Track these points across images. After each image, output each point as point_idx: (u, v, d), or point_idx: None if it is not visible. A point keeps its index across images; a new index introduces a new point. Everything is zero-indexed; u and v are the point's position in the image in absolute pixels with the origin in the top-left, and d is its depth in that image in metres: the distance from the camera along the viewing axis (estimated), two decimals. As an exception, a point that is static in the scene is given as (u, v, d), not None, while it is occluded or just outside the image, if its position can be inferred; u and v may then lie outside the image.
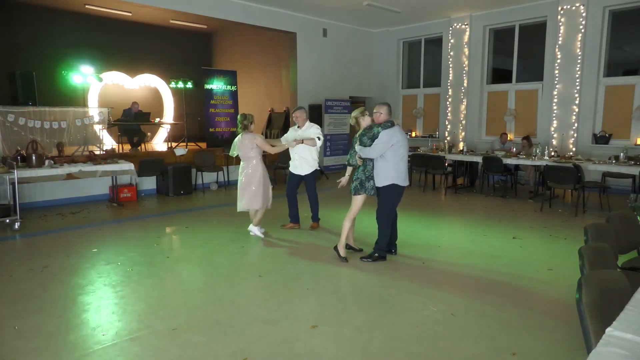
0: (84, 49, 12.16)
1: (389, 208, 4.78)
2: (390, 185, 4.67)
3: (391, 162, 4.62)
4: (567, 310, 3.55)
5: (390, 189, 4.69)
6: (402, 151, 4.67)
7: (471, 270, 4.64)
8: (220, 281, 4.31)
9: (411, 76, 13.24)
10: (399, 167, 4.66)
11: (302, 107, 6.02)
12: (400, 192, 4.76)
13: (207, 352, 2.97)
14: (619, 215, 3.49)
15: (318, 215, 6.26)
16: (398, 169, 4.65)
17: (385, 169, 4.65)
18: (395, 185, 4.68)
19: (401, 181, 4.70)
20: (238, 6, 10.12)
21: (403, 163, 4.70)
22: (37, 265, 4.68)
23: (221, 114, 11.53)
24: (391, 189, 4.69)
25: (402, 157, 4.69)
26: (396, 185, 4.68)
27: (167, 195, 8.62)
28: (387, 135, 4.56)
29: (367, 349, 3.03)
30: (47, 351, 2.99)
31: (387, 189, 4.69)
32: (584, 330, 1.91)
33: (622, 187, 8.54)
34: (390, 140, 4.56)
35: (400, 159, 4.66)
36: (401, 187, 4.73)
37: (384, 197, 4.74)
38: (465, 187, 9.75)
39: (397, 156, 4.62)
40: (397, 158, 4.63)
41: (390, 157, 4.61)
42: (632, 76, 9.27)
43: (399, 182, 4.68)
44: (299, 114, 5.89)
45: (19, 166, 6.37)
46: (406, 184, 4.77)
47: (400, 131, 4.69)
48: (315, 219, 6.25)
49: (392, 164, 4.62)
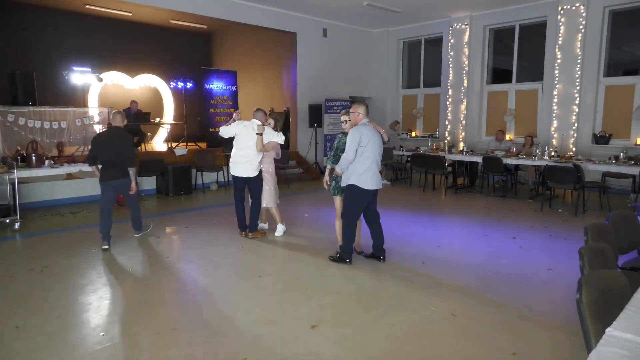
0: (84, 49, 12.16)
1: (349, 209, 4.63)
2: (350, 186, 4.54)
3: (357, 162, 4.46)
4: (567, 310, 3.55)
5: (350, 190, 4.56)
6: (367, 153, 4.43)
7: (471, 270, 4.64)
8: (220, 281, 4.31)
9: (411, 76, 13.24)
10: (364, 168, 4.45)
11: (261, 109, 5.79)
12: (362, 194, 4.51)
13: (207, 352, 2.97)
14: (619, 215, 3.49)
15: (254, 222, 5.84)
16: (362, 170, 4.46)
17: (351, 168, 4.51)
18: (354, 186, 4.50)
19: (363, 183, 4.47)
20: (238, 6, 10.12)
21: (368, 164, 4.45)
22: (37, 265, 4.68)
23: (221, 114, 11.53)
24: (351, 190, 4.55)
25: (367, 158, 4.45)
26: (356, 186, 4.49)
27: (167, 195, 8.62)
28: (351, 134, 4.44)
29: (367, 349, 3.03)
30: (47, 351, 2.99)
31: (348, 189, 4.58)
32: (584, 330, 1.91)
33: (622, 187, 8.54)
34: (355, 138, 4.39)
35: (365, 159, 4.45)
36: (362, 189, 4.48)
37: (345, 197, 4.68)
38: (465, 187, 9.74)
39: (361, 157, 4.45)
40: (361, 158, 4.45)
41: (357, 158, 4.46)
42: (632, 76, 9.27)
43: (360, 183, 4.47)
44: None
45: (19, 166, 6.36)
46: (371, 187, 4.50)
47: (368, 129, 4.49)
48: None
49: (355, 164, 4.47)
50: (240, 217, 5.80)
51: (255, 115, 5.60)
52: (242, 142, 5.56)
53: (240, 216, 5.79)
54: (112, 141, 5.27)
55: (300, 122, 11.64)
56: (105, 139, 5.36)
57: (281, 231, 5.87)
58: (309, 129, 11.60)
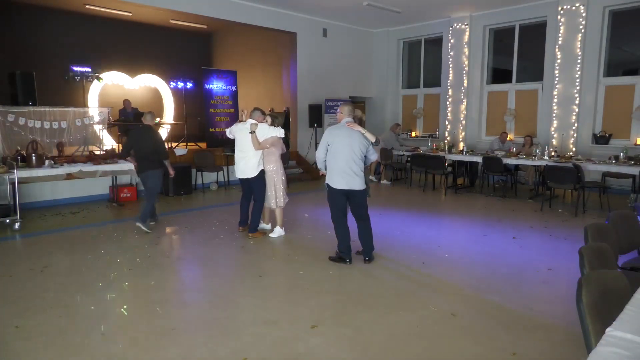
0: (84, 49, 12.16)
1: (331, 209, 4.73)
2: (326, 185, 4.68)
3: (327, 161, 4.61)
4: (567, 310, 3.55)
5: (327, 188, 4.69)
6: (335, 151, 4.52)
7: (471, 270, 4.64)
8: (220, 281, 4.31)
9: (411, 76, 13.24)
10: (332, 167, 4.57)
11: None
12: (334, 193, 4.61)
13: (207, 352, 2.97)
14: (619, 215, 3.49)
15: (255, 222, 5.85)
16: (330, 169, 4.59)
17: (327, 168, 4.67)
18: (328, 185, 4.64)
19: (333, 182, 4.57)
20: (238, 6, 10.12)
21: (336, 164, 4.52)
22: (37, 265, 4.68)
23: (221, 114, 11.52)
24: (328, 188, 4.68)
25: (335, 157, 4.53)
26: (329, 186, 4.63)
27: (167, 195, 8.62)
28: (324, 135, 4.63)
29: (367, 349, 3.03)
30: (47, 351, 2.99)
31: (326, 187, 4.71)
32: (584, 330, 1.91)
33: (622, 187, 8.54)
34: (324, 138, 4.58)
35: (332, 158, 4.55)
36: (333, 189, 4.58)
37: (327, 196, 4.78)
38: (465, 187, 9.74)
39: (330, 156, 4.58)
40: (330, 157, 4.58)
41: (328, 157, 4.61)
42: (632, 76, 9.27)
43: (331, 183, 4.59)
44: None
45: (19, 166, 6.36)
46: (339, 187, 4.55)
47: (340, 129, 4.56)
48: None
49: (328, 163, 4.62)
50: (242, 213, 6.00)
51: (252, 115, 5.63)
52: (239, 143, 5.64)
53: (242, 213, 5.99)
54: (145, 138, 5.93)
55: (300, 122, 11.65)
56: (139, 136, 6.00)
57: (277, 234, 5.78)
58: (309, 129, 11.60)
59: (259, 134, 5.45)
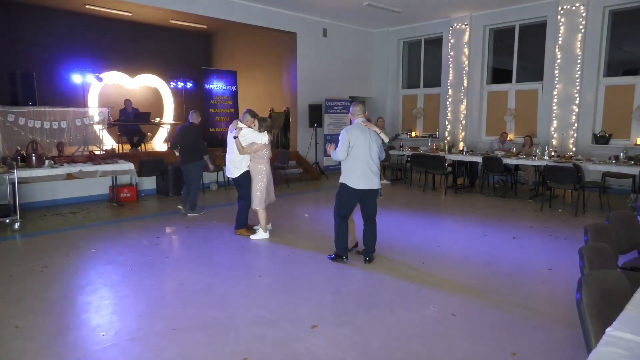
0: (84, 49, 12.16)
1: (337, 206, 4.76)
2: (341, 184, 4.69)
3: (346, 161, 4.62)
4: (567, 310, 3.55)
5: (341, 187, 4.70)
6: (356, 151, 4.54)
7: (471, 270, 4.64)
8: (220, 281, 4.31)
9: (411, 76, 13.24)
10: (352, 167, 4.58)
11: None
12: (351, 193, 4.62)
13: (207, 352, 2.97)
14: (619, 215, 3.49)
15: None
16: (350, 169, 4.60)
17: (342, 167, 4.70)
18: (344, 184, 4.65)
19: (352, 182, 4.59)
20: (238, 6, 10.12)
21: (357, 163, 4.55)
22: (37, 265, 4.68)
23: (221, 114, 11.53)
24: (342, 187, 4.69)
25: (356, 157, 4.55)
26: (345, 185, 4.64)
27: (167, 195, 8.61)
28: (342, 134, 4.61)
29: (367, 349, 3.03)
30: (47, 351, 2.99)
31: (340, 186, 4.73)
32: (584, 331, 1.91)
33: (622, 187, 8.54)
34: (345, 138, 4.56)
35: (353, 158, 4.57)
36: (351, 188, 4.60)
37: (337, 194, 4.78)
38: (465, 187, 9.74)
39: (350, 156, 4.58)
40: (350, 157, 4.58)
41: (348, 158, 4.62)
42: (632, 76, 9.27)
43: (349, 182, 4.61)
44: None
45: (19, 166, 6.36)
46: (359, 187, 4.57)
47: (358, 129, 4.59)
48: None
49: (346, 163, 4.63)
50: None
51: (242, 117, 5.74)
52: (228, 144, 5.76)
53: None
54: (188, 134, 6.76)
55: (300, 122, 11.64)
56: (184, 132, 6.79)
57: (258, 236, 5.71)
58: (309, 129, 11.60)
59: (242, 138, 5.51)
